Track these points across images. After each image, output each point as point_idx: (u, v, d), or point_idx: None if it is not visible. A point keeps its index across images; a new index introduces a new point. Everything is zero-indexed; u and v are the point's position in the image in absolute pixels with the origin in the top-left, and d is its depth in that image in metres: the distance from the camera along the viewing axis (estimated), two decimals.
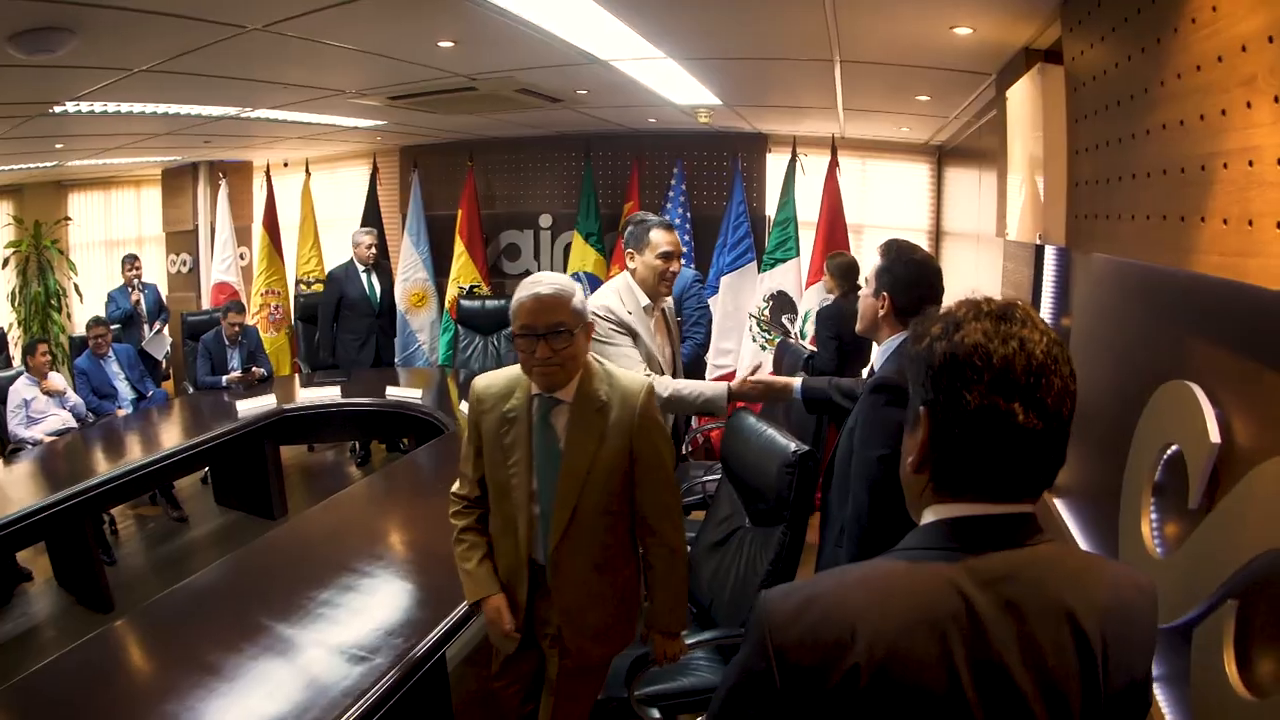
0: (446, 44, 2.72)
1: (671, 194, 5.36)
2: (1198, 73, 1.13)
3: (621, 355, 2.40)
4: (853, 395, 2.19)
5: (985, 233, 3.27)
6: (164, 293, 7.27)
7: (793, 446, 1.95)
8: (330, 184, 6.95)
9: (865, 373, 4.67)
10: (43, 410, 4.55)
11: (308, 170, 6.61)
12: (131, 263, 5.87)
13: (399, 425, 4.61)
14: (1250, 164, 0.98)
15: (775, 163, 5.41)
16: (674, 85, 3.60)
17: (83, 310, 6.91)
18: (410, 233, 6.11)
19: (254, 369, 5.03)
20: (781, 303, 4.97)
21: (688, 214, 5.34)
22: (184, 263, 7.33)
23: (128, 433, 4.36)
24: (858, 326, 1.88)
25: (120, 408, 4.92)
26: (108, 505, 4.03)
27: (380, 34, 2.65)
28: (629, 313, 2.48)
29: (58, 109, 3.74)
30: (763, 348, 4.89)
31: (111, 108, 3.88)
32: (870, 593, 0.76)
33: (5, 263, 6.87)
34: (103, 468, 3.64)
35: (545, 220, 6.04)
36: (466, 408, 1.80)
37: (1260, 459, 1.03)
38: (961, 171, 4.51)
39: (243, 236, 6.85)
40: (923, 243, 5.22)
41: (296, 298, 6.24)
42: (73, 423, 4.58)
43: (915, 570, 0.77)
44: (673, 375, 2.69)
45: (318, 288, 6.38)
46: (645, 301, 2.53)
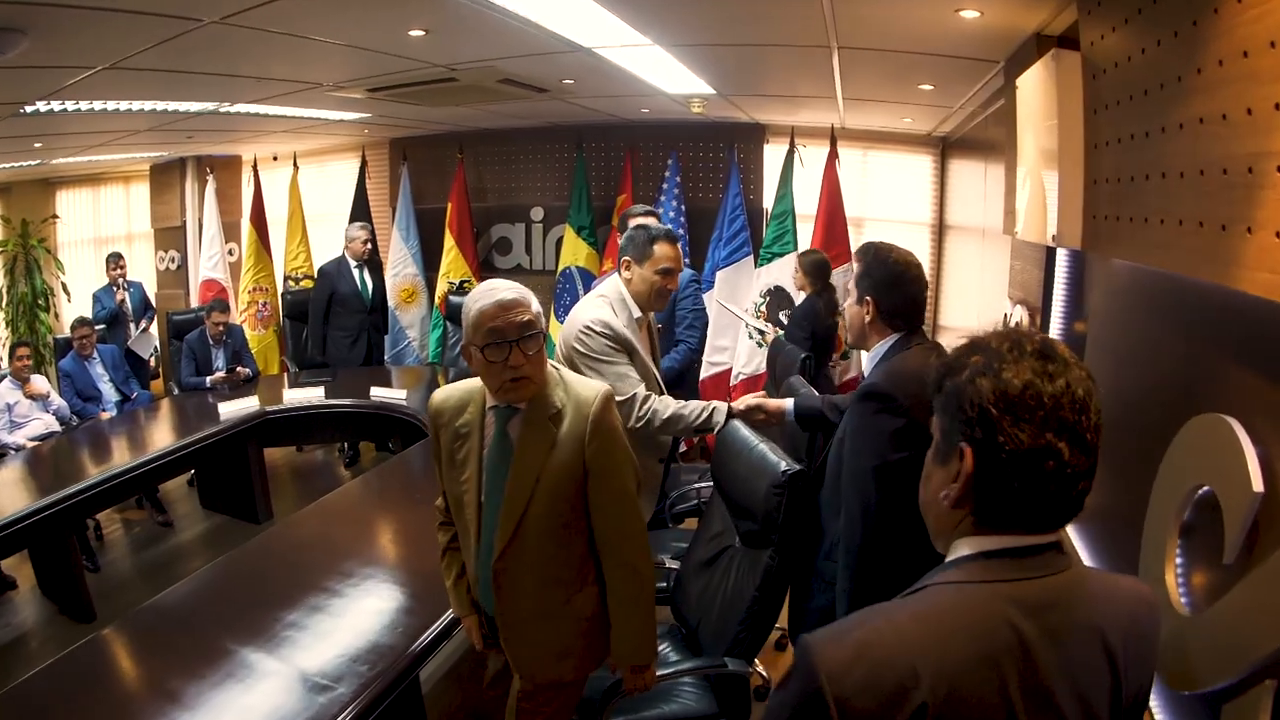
0: (418, 33, 2.57)
1: (666, 186, 5.20)
2: (1243, 59, 0.98)
3: (619, 377, 2.25)
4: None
5: (992, 229, 3.11)
6: (153, 290, 7.21)
7: (783, 465, 1.81)
8: (319, 178, 6.83)
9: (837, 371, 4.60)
10: (26, 414, 4.45)
11: (295, 164, 6.47)
12: (116, 261, 5.75)
13: (384, 427, 4.50)
14: None
15: (773, 154, 5.25)
16: (664, 74, 3.44)
17: (71, 310, 6.79)
18: (399, 227, 5.98)
19: (238, 369, 4.91)
20: (779, 298, 4.82)
21: (682, 206, 5.19)
22: (172, 260, 7.20)
23: (111, 437, 4.27)
24: (849, 338, 1.84)
25: (104, 410, 4.84)
26: (90, 512, 3.95)
27: (344, 24, 2.52)
28: (624, 326, 2.32)
29: (29, 109, 3.65)
30: (759, 345, 4.74)
31: (85, 106, 3.78)
32: (927, 630, 0.76)
33: None
34: (84, 474, 3.55)
35: (537, 213, 5.90)
36: (428, 414, 1.75)
37: None
38: (966, 164, 4.35)
39: (232, 232, 6.71)
40: (925, 237, 5.12)
41: (284, 294, 6.10)
42: (56, 426, 4.49)
43: (966, 603, 0.78)
44: (655, 386, 2.56)
45: (306, 284, 6.27)
46: (637, 314, 2.38)
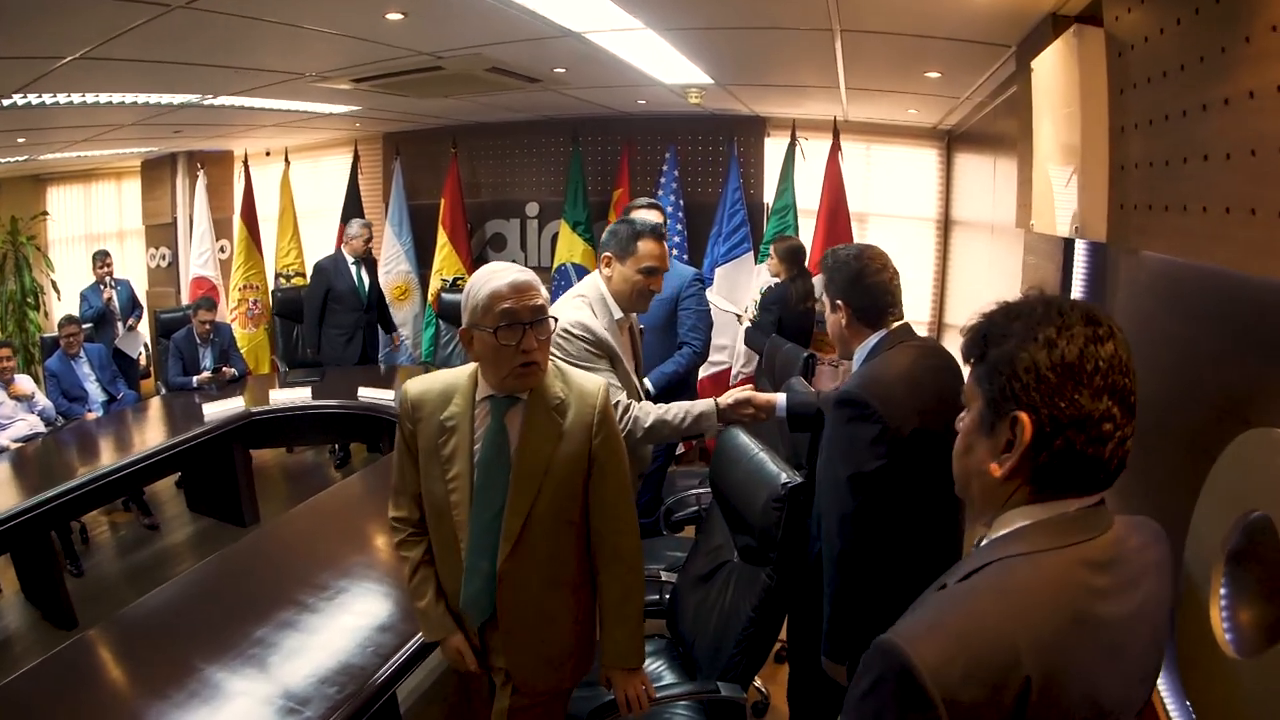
0: (395, 16, 2.44)
1: (663, 180, 5.07)
2: None
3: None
4: None
5: (1002, 223, 2.98)
6: (143, 288, 7.11)
7: (783, 477, 1.68)
8: (312, 173, 6.72)
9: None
10: (10, 416, 4.34)
11: (287, 159, 6.36)
12: (103, 260, 5.64)
13: (373, 428, 4.38)
14: None
15: (774, 147, 5.11)
16: (660, 62, 3.30)
17: (62, 308, 6.70)
18: (392, 223, 5.86)
19: (224, 369, 4.80)
20: None
21: (680, 201, 5.05)
22: (163, 257, 7.09)
23: (95, 438, 4.17)
24: (838, 351, 1.83)
25: (90, 410, 4.74)
26: (73, 515, 3.85)
27: (316, 6, 2.38)
28: (605, 329, 2.17)
29: (4, 101, 3.55)
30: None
31: (63, 99, 3.69)
32: (1014, 605, 0.76)
33: None
34: (66, 476, 3.44)
35: (532, 209, 5.77)
36: (400, 407, 1.62)
37: None
38: (973, 158, 4.22)
39: (224, 229, 6.59)
40: (931, 233, 4.99)
41: (274, 292, 5.98)
42: (41, 428, 4.38)
43: (1042, 572, 0.78)
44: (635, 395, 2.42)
45: (297, 280, 6.17)
46: (618, 315, 2.23)
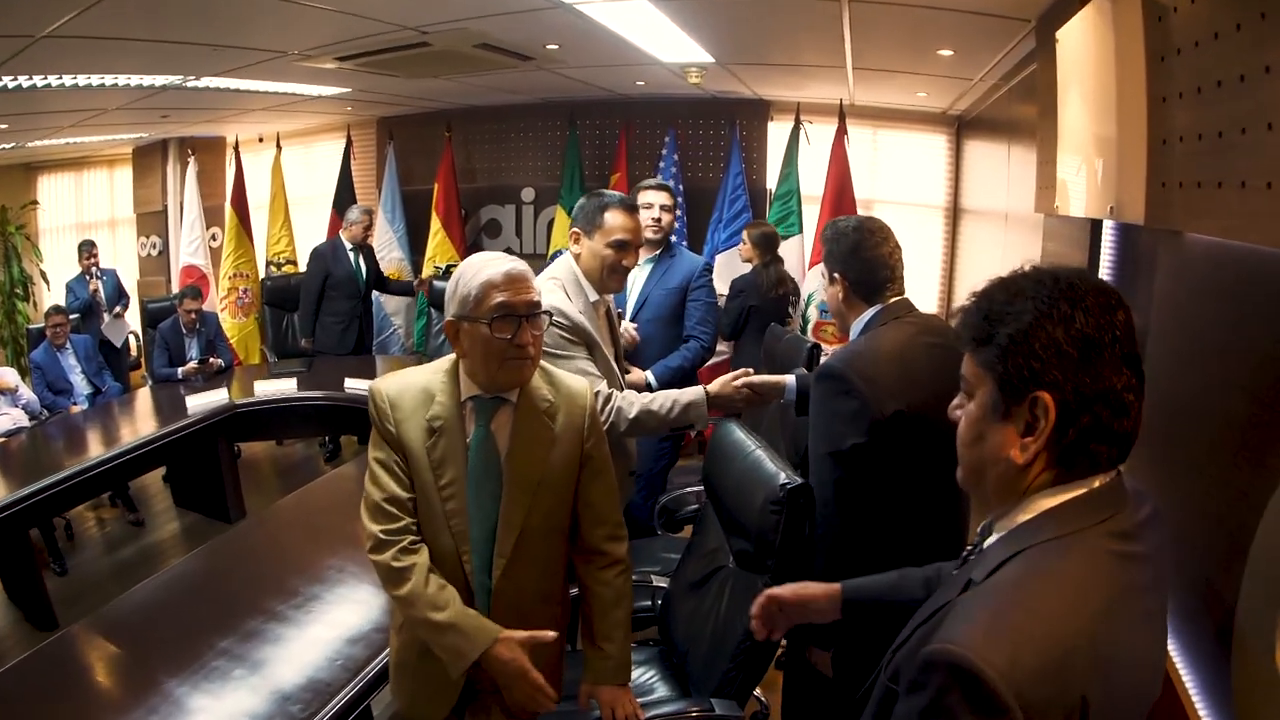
0: None
1: (663, 165, 4.93)
2: None
3: (573, 370, 1.92)
4: None
5: (1017, 211, 2.84)
6: (134, 277, 7.00)
7: (782, 477, 1.54)
8: (305, 159, 6.59)
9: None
10: None
11: (279, 145, 6.21)
12: (89, 250, 5.51)
13: (361, 420, 4.22)
14: None
15: (777, 132, 4.97)
16: (657, 38, 3.15)
17: (51, 299, 6.57)
18: (385, 209, 5.73)
19: (211, 359, 4.67)
20: None
21: (680, 186, 4.89)
22: (154, 246, 6.98)
23: (78, 432, 4.07)
24: (837, 325, 1.81)
25: (75, 403, 4.63)
26: (54, 512, 3.75)
27: None
28: (580, 313, 2.02)
29: None
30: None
31: (40, 81, 3.58)
32: (1065, 592, 0.73)
33: None
34: (47, 472, 3.33)
35: (528, 194, 5.63)
36: (375, 414, 1.45)
37: None
38: (984, 144, 4.08)
39: (215, 217, 6.44)
40: (939, 221, 4.83)
41: (264, 281, 5.85)
42: (25, 421, 4.26)
43: (1079, 555, 0.76)
44: (618, 382, 2.27)
45: (288, 269, 6.04)
46: (593, 296, 2.08)
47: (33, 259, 6.85)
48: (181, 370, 4.60)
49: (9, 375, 4.33)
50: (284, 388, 4.11)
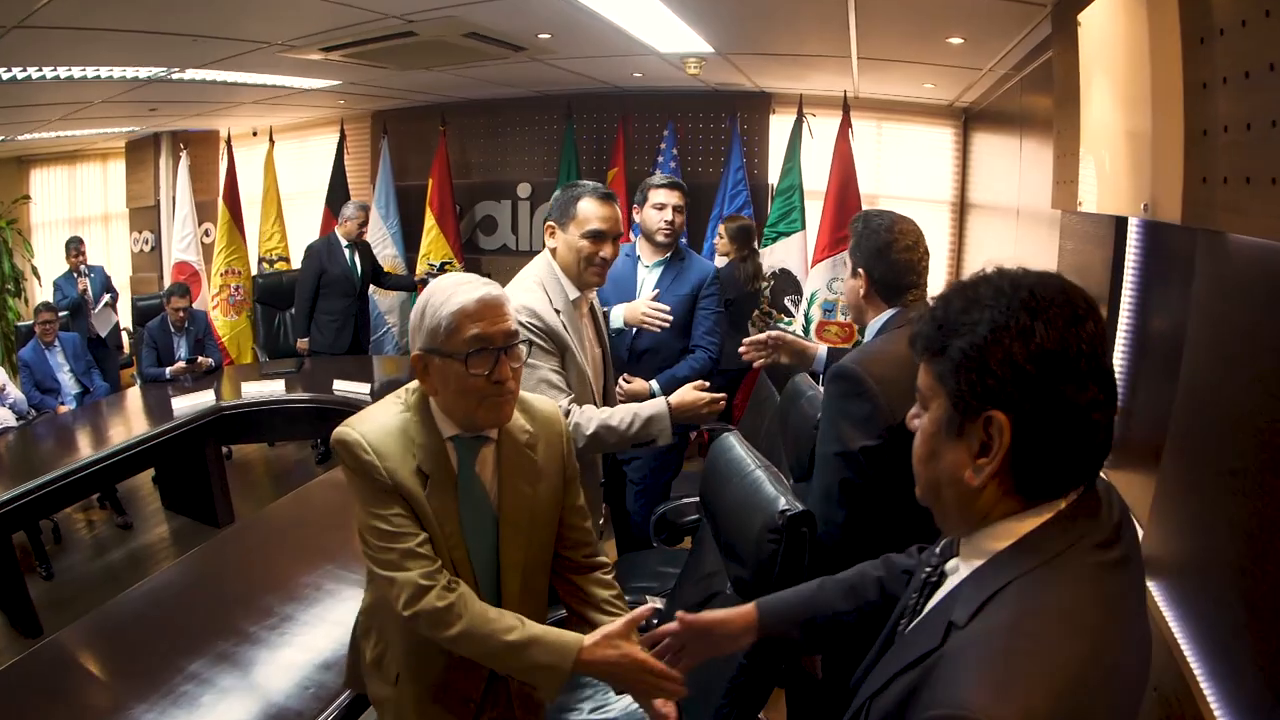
0: None
1: (661, 159, 4.82)
2: None
3: (541, 384, 1.86)
4: None
5: (1030, 206, 2.72)
6: (127, 273, 6.91)
7: (782, 502, 1.42)
8: (299, 154, 6.48)
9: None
10: None
11: (271, 139, 6.10)
12: (76, 247, 5.43)
13: None
14: None
15: (779, 126, 4.84)
16: (653, 27, 3.03)
17: (44, 295, 6.47)
18: (379, 205, 5.61)
19: (199, 359, 4.57)
20: (785, 282, 4.41)
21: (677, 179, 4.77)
22: (146, 241, 6.87)
23: (64, 433, 3.97)
24: (850, 317, 1.81)
25: (62, 403, 4.55)
26: (38, 515, 3.66)
27: None
28: (557, 312, 1.91)
29: None
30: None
31: (19, 73, 3.49)
32: (1063, 626, 0.69)
33: None
34: (31, 475, 3.25)
35: (524, 190, 5.50)
36: (363, 468, 1.27)
37: None
38: (993, 137, 3.96)
39: (208, 212, 6.33)
40: (945, 216, 4.70)
41: (255, 278, 5.75)
42: (12, 421, 4.17)
43: (1069, 576, 0.72)
44: (603, 385, 2.16)
45: (281, 265, 5.93)
46: (574, 294, 1.96)
47: (24, 254, 6.75)
48: (170, 370, 4.51)
49: None
50: (272, 390, 4.01)
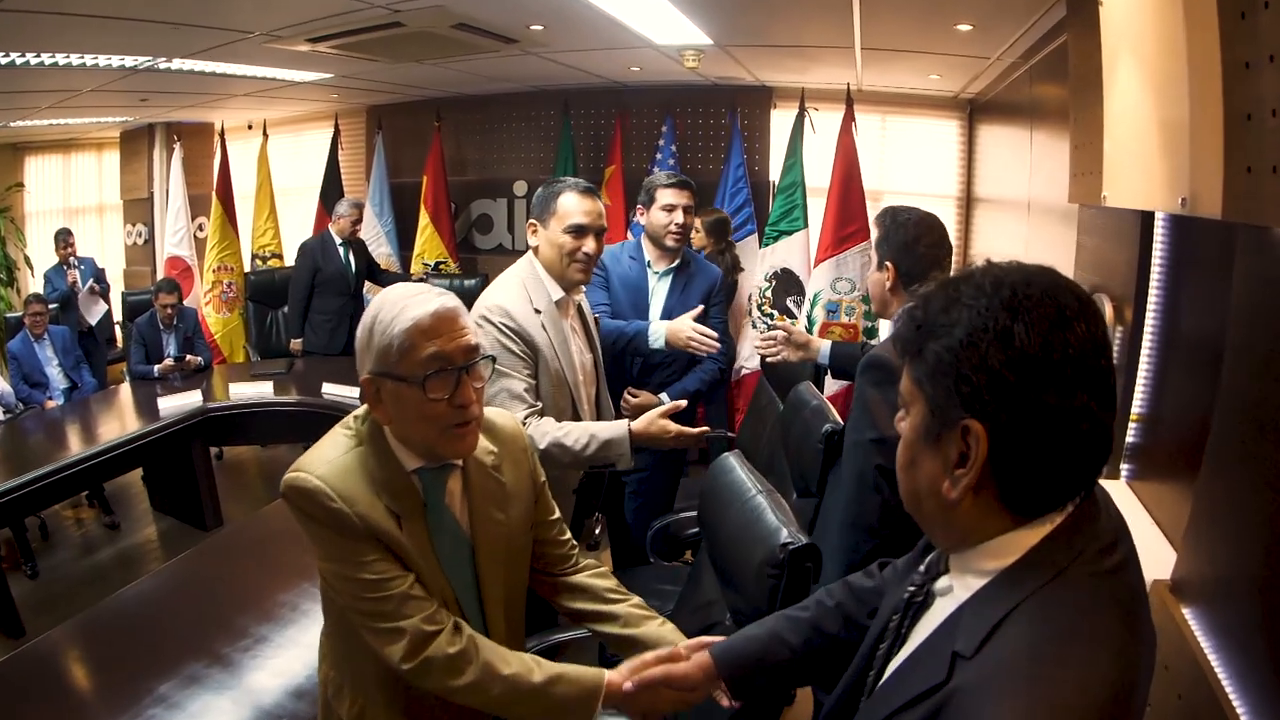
0: None
1: (659, 156, 4.69)
2: None
3: (501, 392, 1.77)
4: None
5: (1041, 200, 2.60)
6: (121, 266, 6.82)
7: (784, 535, 1.30)
8: (294, 148, 6.37)
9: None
10: None
11: (265, 133, 6.00)
12: (65, 239, 5.35)
13: None
14: None
15: (780, 121, 4.71)
16: (649, 18, 2.92)
17: (36, 286, 6.39)
18: (373, 202, 5.50)
19: (188, 357, 4.48)
20: (787, 282, 4.29)
21: None
22: (139, 234, 6.78)
23: (50, 430, 3.90)
24: (874, 309, 1.81)
25: (50, 398, 4.49)
26: (25, 512, 3.59)
27: None
28: (536, 311, 1.83)
29: None
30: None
31: (3, 59, 3.40)
32: (1082, 646, 0.65)
33: None
34: (15, 472, 3.18)
35: (520, 188, 5.39)
36: (332, 517, 1.13)
37: None
38: (1001, 129, 3.85)
39: (202, 206, 6.22)
40: (951, 211, 4.58)
41: (247, 275, 5.65)
42: None
43: (1079, 595, 0.67)
44: (594, 391, 2.07)
45: (274, 263, 5.84)
46: (557, 294, 1.89)
47: (17, 244, 6.65)
48: (157, 368, 4.43)
49: None
50: (260, 391, 3.91)
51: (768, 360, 2.40)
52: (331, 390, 3.76)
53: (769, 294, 4.29)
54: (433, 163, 5.26)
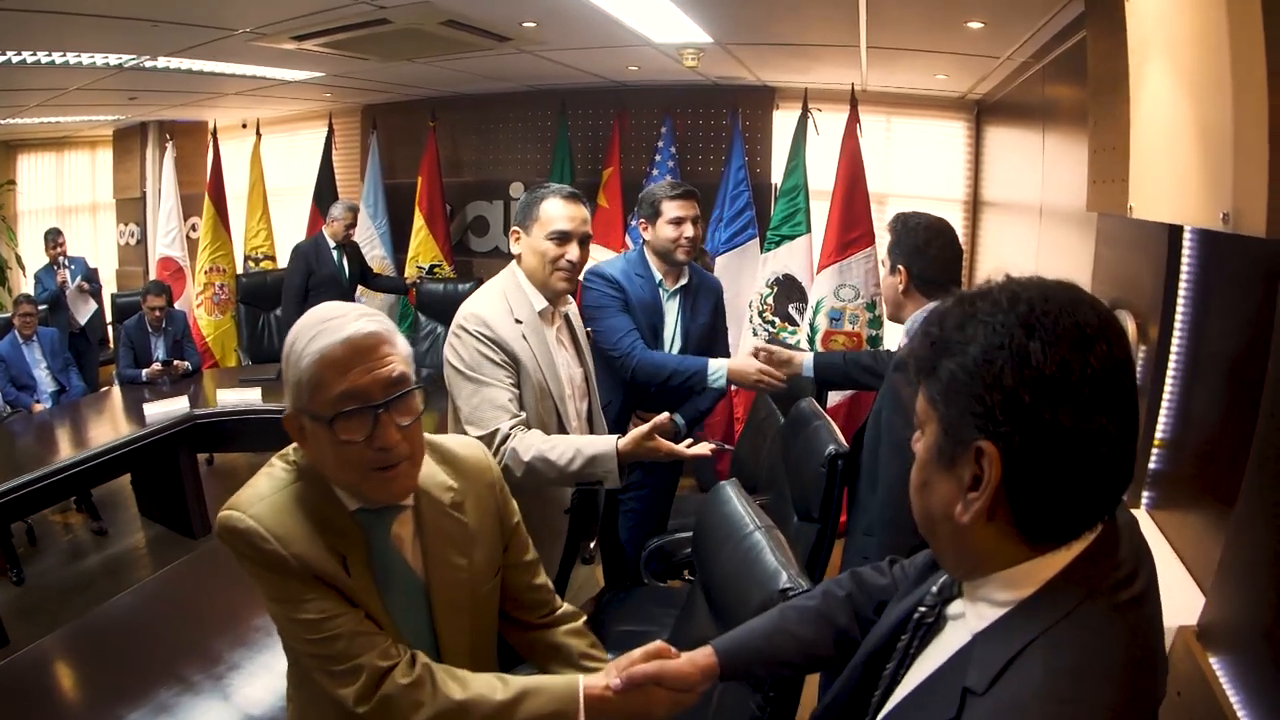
0: None
1: (659, 158, 4.57)
2: None
3: (483, 404, 1.68)
4: (875, 371, 2.16)
5: (1058, 205, 2.50)
6: (113, 267, 6.76)
7: (783, 579, 1.20)
8: (288, 148, 6.28)
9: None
10: None
11: (258, 132, 5.90)
12: (55, 239, 5.26)
13: None
14: None
15: (783, 122, 4.60)
16: (646, 15, 2.82)
17: (28, 286, 6.31)
18: (367, 203, 5.40)
19: (176, 362, 4.39)
20: (788, 289, 4.18)
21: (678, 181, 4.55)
22: (132, 234, 6.70)
23: (38, 434, 3.84)
24: (886, 312, 1.88)
25: (38, 401, 4.41)
26: (8, 519, 3.50)
27: None
28: (517, 321, 1.75)
29: None
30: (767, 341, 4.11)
31: None
32: (1099, 683, 0.63)
33: None
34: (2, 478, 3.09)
35: (517, 189, 5.28)
36: (266, 560, 1.04)
37: None
38: (1010, 131, 3.74)
39: (195, 206, 6.13)
40: (958, 215, 4.47)
41: (239, 276, 5.56)
42: None
43: (1096, 630, 0.65)
44: (587, 404, 1.99)
45: (266, 264, 5.74)
46: (540, 304, 1.81)
47: (7, 242, 6.57)
48: (145, 372, 4.35)
49: None
50: (248, 398, 3.81)
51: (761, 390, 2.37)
52: None
53: (770, 301, 4.18)
54: (428, 163, 5.16)
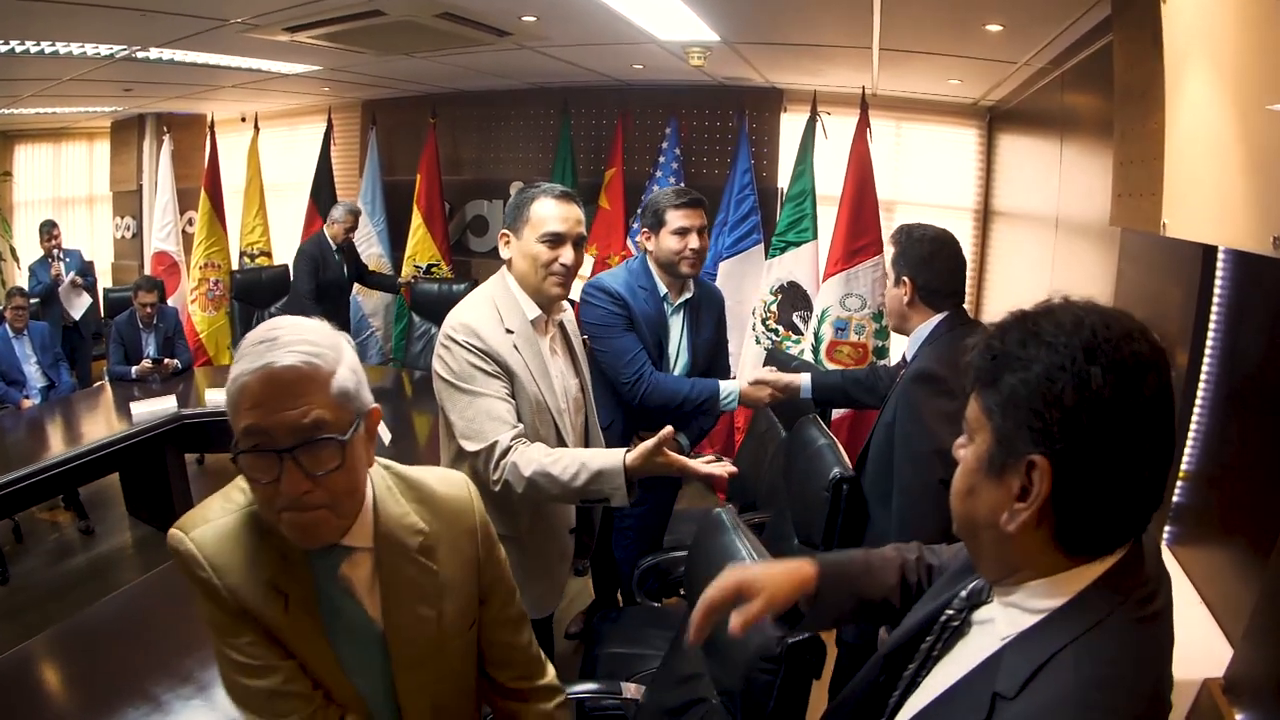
0: None
1: (662, 160, 4.47)
2: None
3: (480, 416, 1.59)
4: (873, 389, 2.17)
5: (1077, 218, 2.40)
6: (109, 260, 6.69)
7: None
8: (286, 142, 6.19)
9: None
10: None
11: (256, 126, 5.81)
12: (49, 231, 5.18)
13: None
14: None
15: (791, 125, 4.50)
16: (652, 11, 2.73)
17: (23, 279, 6.23)
18: (365, 200, 5.31)
19: (167, 360, 4.31)
20: (793, 296, 4.07)
21: (681, 183, 4.43)
22: (128, 228, 6.62)
23: (26, 431, 3.76)
24: (890, 323, 1.89)
25: (27, 397, 4.33)
26: None
27: None
28: (508, 331, 1.65)
29: None
30: (768, 351, 4.01)
31: None
32: (1121, 697, 0.66)
33: None
34: None
35: (517, 189, 5.17)
36: (200, 586, 0.98)
37: None
38: (1025, 139, 3.64)
39: (191, 200, 6.05)
40: (968, 225, 4.36)
41: (233, 273, 5.48)
42: None
43: (1129, 638, 0.68)
44: (584, 415, 1.89)
45: (262, 260, 5.66)
46: (533, 312, 1.70)
47: (2, 235, 6.50)
48: (135, 370, 4.26)
49: None
50: None
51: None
52: None
53: (774, 308, 4.08)
54: (427, 161, 5.07)
